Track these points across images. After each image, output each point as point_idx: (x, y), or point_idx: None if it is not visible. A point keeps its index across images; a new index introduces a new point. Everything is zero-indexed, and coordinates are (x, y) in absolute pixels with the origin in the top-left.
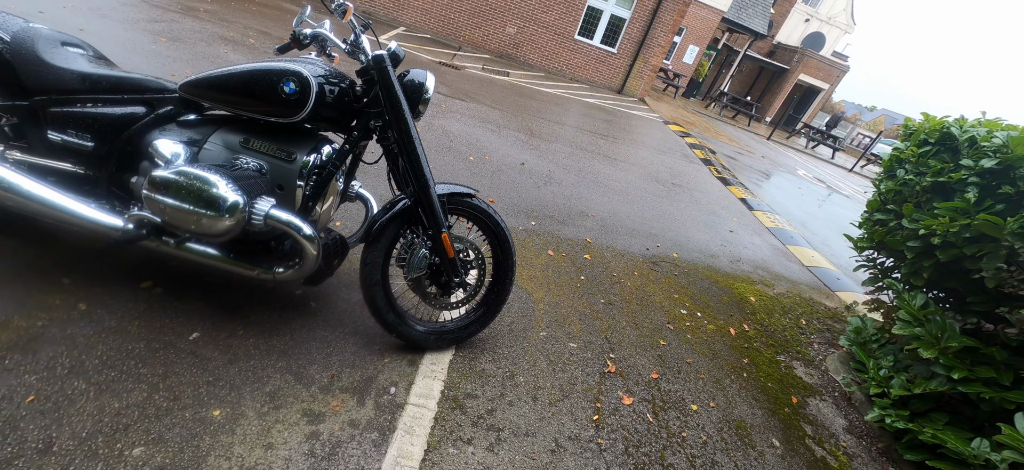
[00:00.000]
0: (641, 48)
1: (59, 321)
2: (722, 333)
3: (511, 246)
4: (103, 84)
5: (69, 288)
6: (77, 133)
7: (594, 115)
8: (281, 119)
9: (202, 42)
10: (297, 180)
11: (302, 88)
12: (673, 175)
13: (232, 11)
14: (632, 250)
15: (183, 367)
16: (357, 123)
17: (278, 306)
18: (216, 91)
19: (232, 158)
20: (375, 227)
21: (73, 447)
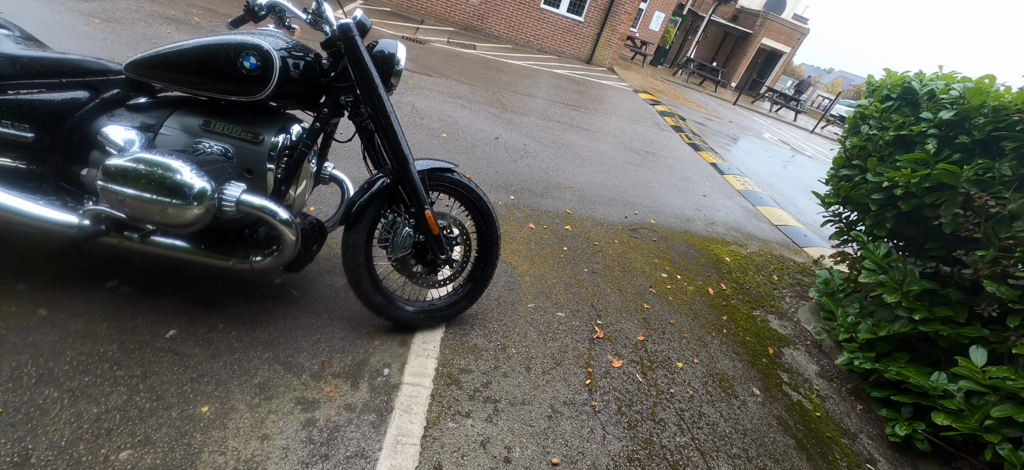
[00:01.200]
0: (608, 16)
1: (18, 329)
2: (701, 293)
3: (494, 220)
4: (36, 67)
5: (25, 293)
6: (13, 123)
7: (565, 86)
8: (243, 98)
9: (141, 22)
10: (267, 163)
11: (263, 62)
12: (646, 143)
13: None
14: (611, 219)
15: (163, 366)
16: (326, 99)
17: (258, 297)
18: (167, 70)
19: (193, 142)
20: (354, 208)
21: (53, 457)
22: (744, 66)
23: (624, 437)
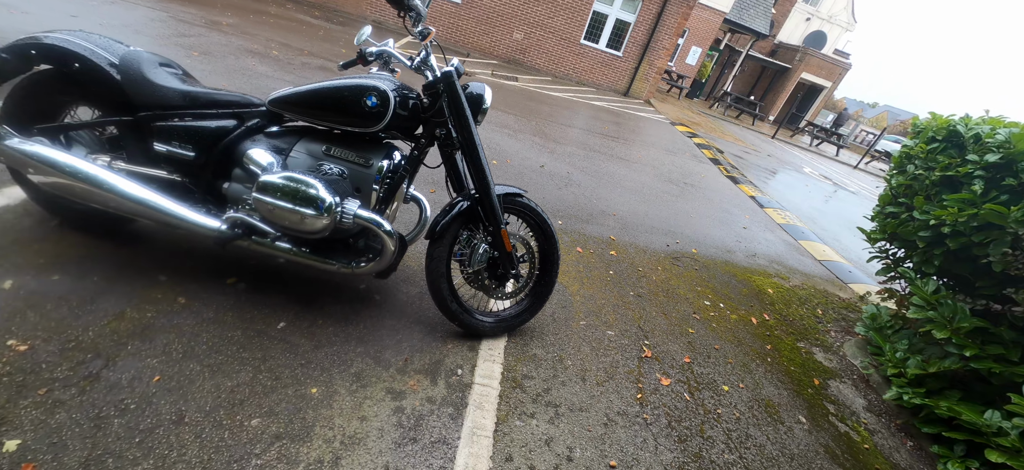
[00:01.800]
0: (646, 51)
1: (165, 313)
2: (744, 322)
3: (556, 241)
4: (200, 100)
5: (166, 284)
6: (180, 144)
7: (603, 118)
8: (360, 129)
9: (231, 55)
10: (373, 184)
11: (382, 101)
12: (684, 175)
13: (252, 24)
14: (654, 246)
15: (278, 352)
16: (423, 131)
17: (347, 298)
18: (304, 106)
19: (316, 164)
20: (439, 226)
21: (201, 418)
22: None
23: (675, 449)
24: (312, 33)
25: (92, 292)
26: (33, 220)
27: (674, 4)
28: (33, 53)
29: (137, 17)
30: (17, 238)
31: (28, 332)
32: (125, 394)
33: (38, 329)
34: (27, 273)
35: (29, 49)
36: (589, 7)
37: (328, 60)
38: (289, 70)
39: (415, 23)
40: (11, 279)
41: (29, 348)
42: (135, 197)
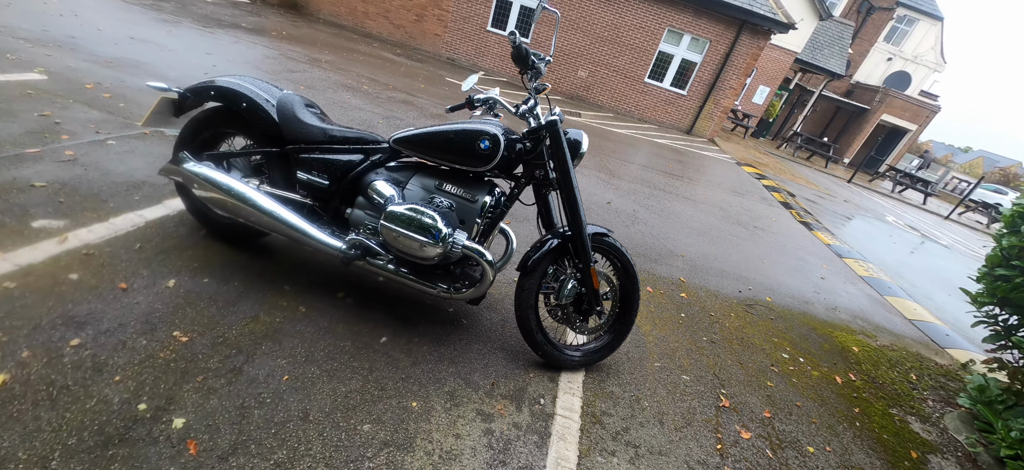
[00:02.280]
0: (712, 90)
1: (289, 320)
2: (828, 380)
3: (637, 282)
4: (337, 137)
5: (290, 294)
6: (318, 173)
7: (666, 155)
8: (471, 168)
9: (329, 89)
10: (477, 217)
11: (494, 145)
12: (753, 217)
13: (345, 62)
14: (725, 291)
15: (382, 365)
16: (523, 172)
17: (438, 320)
18: (423, 145)
19: (429, 197)
20: (531, 261)
21: (322, 418)
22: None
23: None
24: (395, 69)
25: (234, 296)
26: (187, 229)
27: (744, 45)
28: (211, 93)
29: (256, 54)
30: (177, 243)
31: (187, 326)
32: (262, 388)
33: (195, 324)
34: (185, 274)
35: (208, 90)
36: (655, 47)
37: (409, 94)
38: (377, 103)
39: (532, 80)
40: (173, 279)
41: (189, 340)
42: (277, 215)
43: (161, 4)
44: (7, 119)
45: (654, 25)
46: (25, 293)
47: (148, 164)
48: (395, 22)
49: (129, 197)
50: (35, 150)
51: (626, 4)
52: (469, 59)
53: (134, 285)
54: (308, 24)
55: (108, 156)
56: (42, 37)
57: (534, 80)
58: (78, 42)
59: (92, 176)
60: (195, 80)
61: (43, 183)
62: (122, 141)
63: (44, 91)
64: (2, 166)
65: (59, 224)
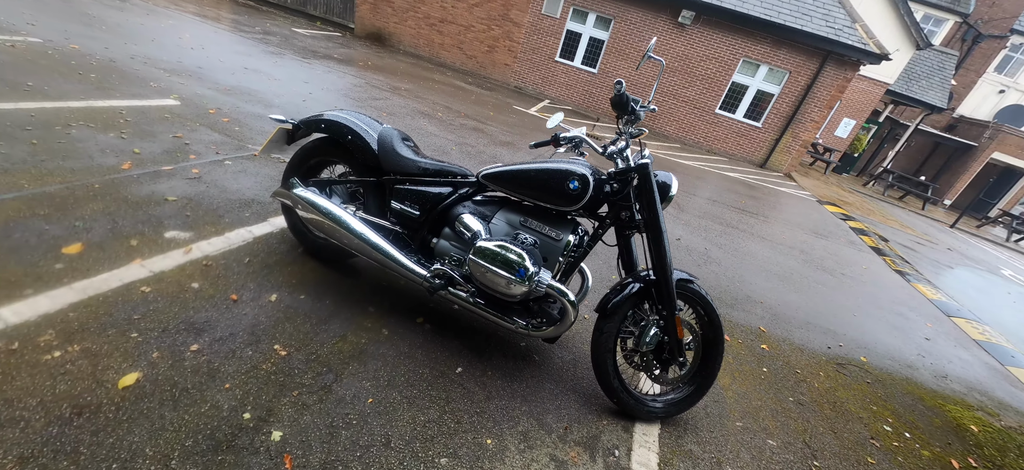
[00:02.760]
0: (790, 123)
1: (374, 342)
2: (941, 464)
3: (722, 333)
4: (430, 170)
5: (374, 315)
6: (410, 204)
7: (739, 190)
8: (557, 207)
9: (408, 116)
10: (560, 256)
11: (583, 186)
12: (840, 263)
13: (422, 90)
14: (812, 346)
15: (458, 396)
16: (608, 212)
17: (511, 354)
18: (511, 182)
19: (513, 233)
20: (611, 304)
21: (402, 446)
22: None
23: None
24: (466, 98)
25: (326, 313)
26: (287, 246)
27: (828, 77)
28: (321, 125)
29: (346, 83)
30: (279, 259)
31: (286, 340)
32: (349, 410)
33: (292, 339)
34: (285, 290)
35: (318, 122)
36: (728, 78)
37: (479, 122)
38: (450, 130)
39: (629, 124)
40: (275, 293)
41: (287, 354)
42: (370, 240)
43: (269, 38)
44: (149, 139)
45: (728, 56)
46: (157, 298)
47: (256, 184)
48: (468, 53)
49: (241, 213)
50: (169, 168)
51: (699, 35)
52: (536, 88)
53: (243, 297)
54: (390, 55)
55: (225, 175)
56: (177, 68)
57: (631, 125)
58: (204, 72)
59: (212, 193)
60: (296, 106)
61: (174, 198)
62: (236, 162)
63: (177, 115)
64: (146, 181)
65: (186, 235)
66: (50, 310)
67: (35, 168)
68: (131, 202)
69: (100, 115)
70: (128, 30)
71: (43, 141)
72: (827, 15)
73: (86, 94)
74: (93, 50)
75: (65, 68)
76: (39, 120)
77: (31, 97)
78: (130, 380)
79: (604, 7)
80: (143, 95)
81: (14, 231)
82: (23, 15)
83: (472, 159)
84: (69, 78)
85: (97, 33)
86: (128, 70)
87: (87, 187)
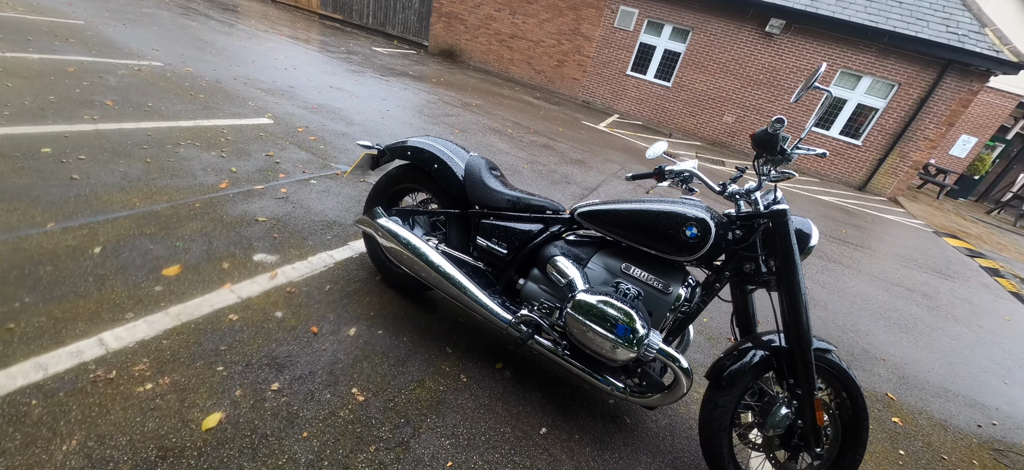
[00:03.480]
0: (898, 140)
1: (452, 389)
2: None
3: (867, 416)
4: (520, 204)
5: (452, 357)
6: (498, 241)
7: (837, 218)
8: (670, 256)
9: (479, 133)
10: (667, 311)
11: (703, 234)
12: (974, 312)
13: (492, 105)
14: (956, 422)
15: (543, 465)
16: (725, 262)
17: (599, 413)
18: (613, 224)
19: (612, 280)
20: (728, 372)
21: None
22: None
23: None
24: (534, 113)
25: (403, 353)
26: (366, 273)
27: (948, 89)
28: (407, 153)
29: (420, 99)
30: (358, 288)
31: (364, 383)
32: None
33: (370, 381)
34: (363, 323)
35: (404, 149)
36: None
37: (549, 138)
38: (520, 146)
39: (773, 165)
40: (354, 327)
41: (364, 399)
42: (453, 279)
43: (352, 57)
44: (245, 158)
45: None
46: (243, 327)
47: (338, 204)
48: (536, 68)
49: (323, 236)
50: (260, 187)
51: (789, 45)
52: (604, 102)
53: (323, 329)
54: (461, 71)
55: (310, 195)
56: (272, 87)
57: (776, 166)
58: (295, 91)
59: (298, 213)
60: (375, 124)
61: (264, 218)
62: (321, 181)
63: (270, 134)
64: (239, 200)
65: (272, 259)
66: (147, 336)
67: (147, 186)
68: (226, 222)
69: (205, 134)
70: (233, 53)
71: (156, 159)
72: (948, 19)
73: (195, 114)
74: (203, 72)
75: (179, 89)
76: (154, 139)
77: (149, 117)
78: (213, 421)
79: (682, 17)
80: (242, 114)
81: (123, 250)
82: (149, 42)
83: (545, 180)
84: (182, 99)
85: (207, 57)
86: (231, 90)
87: (189, 206)
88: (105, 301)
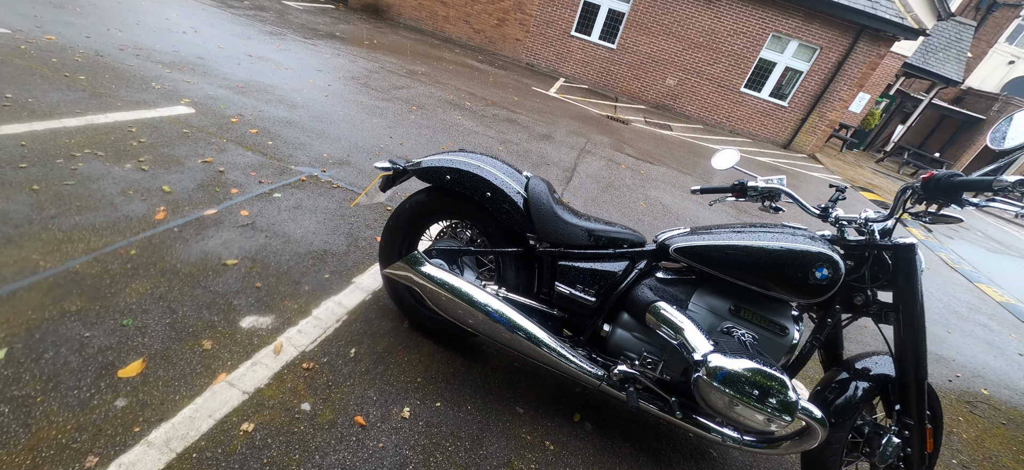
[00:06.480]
0: (818, 102)
1: (543, 464)
2: None
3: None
4: (603, 240)
5: (527, 420)
6: (584, 288)
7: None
8: (789, 298)
9: (438, 108)
10: (783, 356)
11: (833, 275)
12: None
13: (438, 71)
14: (934, 379)
15: None
16: (835, 296)
17: (686, 451)
18: (722, 264)
19: (719, 324)
20: (834, 405)
21: None
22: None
23: None
24: (484, 79)
25: (474, 429)
26: (390, 321)
27: (860, 53)
28: (447, 176)
29: (360, 68)
30: (388, 346)
31: None
32: None
33: None
34: (414, 397)
35: (442, 172)
36: (755, 54)
37: (509, 110)
38: (483, 122)
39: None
40: (405, 405)
41: None
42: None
43: (263, 14)
44: (176, 169)
45: (757, 30)
46: (267, 440)
47: (320, 225)
48: (475, 27)
49: (319, 275)
50: (212, 212)
51: (727, 7)
52: (549, 65)
53: (370, 418)
54: (392, 30)
55: (280, 215)
56: (176, 60)
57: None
58: (207, 63)
59: (275, 245)
60: (318, 103)
61: (234, 260)
62: (286, 193)
63: (196, 128)
64: (190, 236)
65: (266, 322)
66: None
67: (47, 232)
68: (183, 275)
69: (107, 136)
70: (105, 10)
71: (46, 185)
72: None
73: (82, 106)
74: (73, 40)
75: (48, 69)
76: (34, 151)
77: (16, 116)
78: None
79: None
80: (149, 103)
81: (46, 349)
82: None
83: (525, 163)
84: (56, 84)
85: (71, 17)
86: (121, 67)
87: (121, 256)
88: (42, 449)
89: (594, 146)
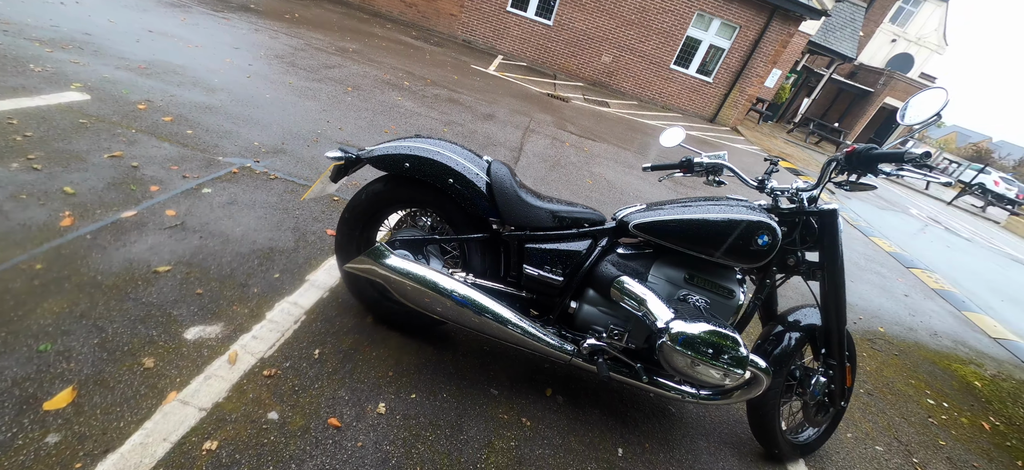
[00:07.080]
0: (739, 78)
1: (523, 441)
2: (977, 429)
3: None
4: (567, 220)
5: (501, 400)
6: (551, 269)
7: (705, 150)
8: (735, 264)
9: (376, 89)
10: (732, 316)
11: (772, 241)
12: None
13: (370, 49)
14: None
15: None
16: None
17: (648, 410)
18: (677, 236)
19: (676, 292)
20: (773, 355)
21: None
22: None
23: None
24: (420, 57)
25: (453, 415)
26: (352, 317)
27: (774, 31)
28: (406, 164)
29: (282, 46)
30: (354, 343)
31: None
32: None
33: (437, 466)
34: (388, 392)
35: (401, 160)
36: (683, 32)
37: (450, 90)
38: (424, 103)
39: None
40: (380, 401)
41: None
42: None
43: None
44: (77, 167)
45: (683, 9)
46: (235, 456)
47: (261, 220)
48: (407, 0)
49: (268, 275)
50: (131, 213)
51: None
52: (486, 42)
53: (344, 418)
54: (314, 2)
55: (214, 213)
56: (59, 36)
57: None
58: (96, 40)
59: (212, 247)
60: (241, 85)
61: (166, 266)
62: (216, 188)
63: (96, 118)
64: (108, 243)
65: (215, 331)
66: None
67: None
68: (107, 287)
69: None
70: None
71: None
72: None
73: None
74: None
75: None
76: None
77: None
78: None
79: None
80: (29, 88)
81: None
82: None
83: (471, 143)
84: None
85: None
86: None
87: (24, 272)
88: None
89: (537, 125)
